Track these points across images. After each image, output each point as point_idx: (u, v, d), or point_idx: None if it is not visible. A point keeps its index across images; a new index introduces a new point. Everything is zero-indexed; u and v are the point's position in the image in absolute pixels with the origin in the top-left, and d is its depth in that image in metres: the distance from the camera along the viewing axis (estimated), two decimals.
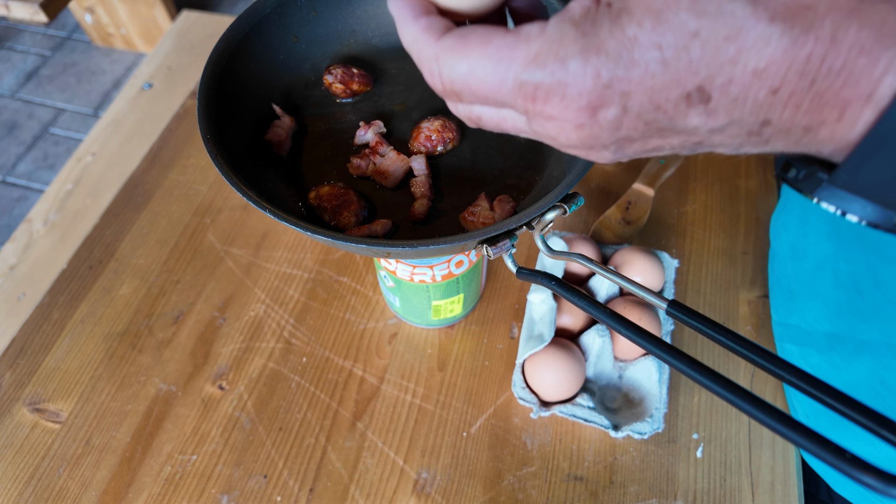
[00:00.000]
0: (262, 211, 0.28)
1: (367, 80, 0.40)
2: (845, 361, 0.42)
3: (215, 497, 0.45)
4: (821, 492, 0.50)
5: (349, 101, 0.40)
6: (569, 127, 0.20)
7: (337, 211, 0.34)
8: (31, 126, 1.77)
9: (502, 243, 0.29)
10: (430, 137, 0.36)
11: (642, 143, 0.20)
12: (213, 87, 0.34)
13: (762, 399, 0.20)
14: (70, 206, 0.62)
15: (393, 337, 0.53)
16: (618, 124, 0.19)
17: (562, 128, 0.20)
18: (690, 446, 0.47)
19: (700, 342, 0.51)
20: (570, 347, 0.47)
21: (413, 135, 0.37)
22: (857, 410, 0.20)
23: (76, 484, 0.46)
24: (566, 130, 0.20)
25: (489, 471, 0.46)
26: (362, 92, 0.40)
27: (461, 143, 0.38)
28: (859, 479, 0.17)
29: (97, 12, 1.83)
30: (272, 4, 0.37)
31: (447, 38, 0.21)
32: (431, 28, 0.21)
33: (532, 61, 0.19)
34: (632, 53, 0.17)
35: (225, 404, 0.49)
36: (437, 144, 0.37)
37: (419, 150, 0.37)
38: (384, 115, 0.39)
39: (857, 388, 0.41)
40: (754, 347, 0.23)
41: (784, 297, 0.49)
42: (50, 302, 0.55)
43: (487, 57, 0.20)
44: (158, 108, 0.70)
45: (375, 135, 0.37)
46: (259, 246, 0.58)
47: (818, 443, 0.18)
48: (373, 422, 0.48)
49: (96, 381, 0.51)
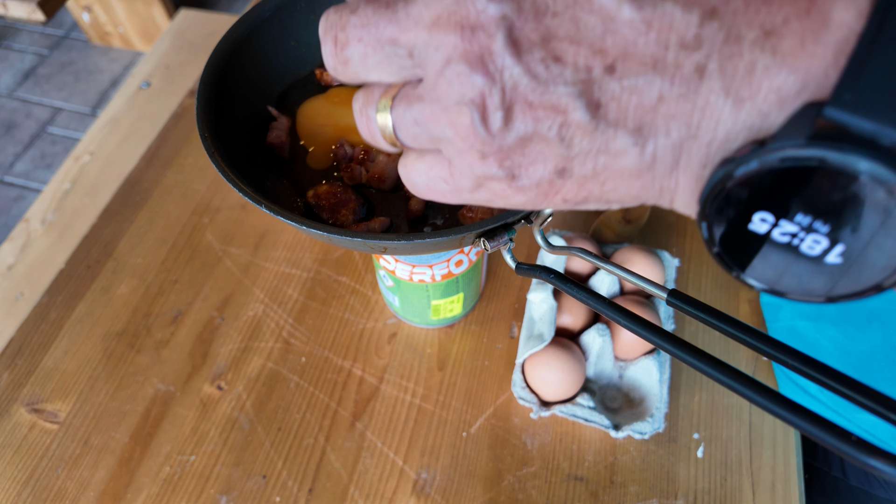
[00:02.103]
0: (259, 208, 0.28)
1: None
2: (859, 331, 0.42)
3: (214, 497, 0.45)
4: (833, 468, 0.50)
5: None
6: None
7: (335, 209, 0.34)
8: (29, 125, 1.77)
9: (500, 237, 0.28)
10: None
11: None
12: (213, 87, 0.34)
13: (764, 384, 0.19)
14: (68, 205, 0.62)
15: (392, 337, 0.53)
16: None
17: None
18: (691, 446, 0.46)
19: (700, 339, 0.51)
20: (570, 347, 0.47)
21: None
22: (859, 391, 0.19)
23: (74, 484, 0.46)
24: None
25: (489, 471, 0.46)
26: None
27: None
28: (865, 464, 0.16)
29: (95, 11, 1.82)
30: (272, 7, 0.37)
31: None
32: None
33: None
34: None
35: (224, 404, 0.49)
36: None
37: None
38: None
39: (874, 355, 0.41)
40: (755, 333, 0.23)
41: None
42: (48, 302, 0.55)
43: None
44: (156, 107, 0.70)
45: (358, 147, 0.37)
46: (258, 245, 0.58)
47: (822, 426, 0.17)
48: (372, 422, 0.48)
49: (94, 381, 0.51)
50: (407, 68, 0.18)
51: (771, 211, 0.16)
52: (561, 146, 0.17)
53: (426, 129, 0.19)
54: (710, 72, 0.15)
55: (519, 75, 0.16)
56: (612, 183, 0.18)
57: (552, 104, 0.16)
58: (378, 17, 0.18)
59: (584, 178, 0.18)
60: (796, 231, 0.16)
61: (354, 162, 0.36)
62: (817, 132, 0.14)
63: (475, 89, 0.16)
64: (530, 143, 0.17)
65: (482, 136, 0.17)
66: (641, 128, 0.16)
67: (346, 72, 0.20)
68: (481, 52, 0.16)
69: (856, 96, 0.13)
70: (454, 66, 0.17)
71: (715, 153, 0.16)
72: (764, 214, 0.16)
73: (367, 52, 0.18)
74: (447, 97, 0.17)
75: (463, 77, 0.17)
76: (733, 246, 0.17)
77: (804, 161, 0.14)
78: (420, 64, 0.18)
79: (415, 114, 0.18)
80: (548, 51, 0.16)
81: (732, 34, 0.15)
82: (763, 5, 0.15)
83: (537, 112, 0.17)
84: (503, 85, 0.16)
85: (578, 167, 0.18)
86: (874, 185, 0.14)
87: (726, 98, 0.15)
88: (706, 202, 0.17)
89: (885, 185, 0.14)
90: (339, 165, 0.37)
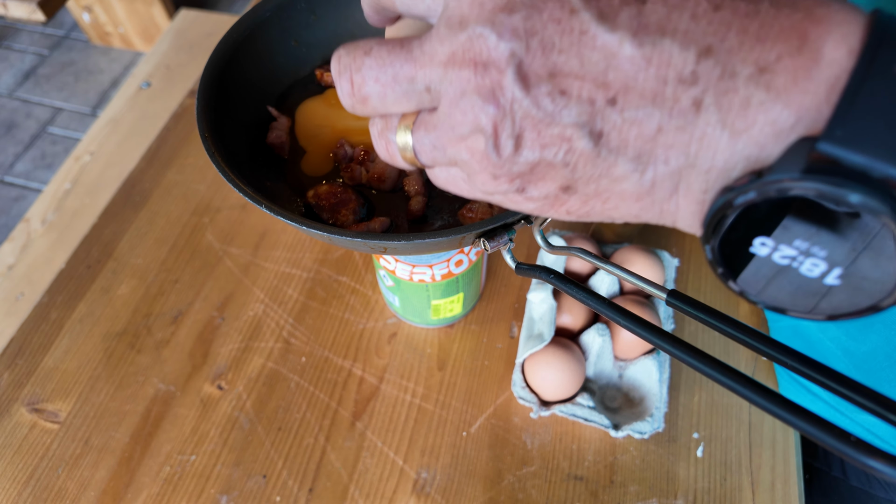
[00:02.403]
0: (259, 208, 0.28)
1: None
2: (861, 332, 0.42)
3: (214, 497, 0.45)
4: (833, 468, 0.50)
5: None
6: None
7: (335, 209, 0.34)
8: (29, 125, 1.77)
9: (500, 237, 0.29)
10: None
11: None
12: (213, 87, 0.34)
13: (763, 384, 0.19)
14: (68, 205, 0.62)
15: (392, 336, 0.53)
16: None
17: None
18: (691, 446, 0.46)
19: (700, 339, 0.51)
20: (570, 347, 0.47)
21: None
22: (858, 392, 0.19)
23: (75, 484, 0.46)
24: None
25: (489, 470, 0.46)
26: None
27: None
28: (865, 464, 0.16)
29: (95, 11, 1.82)
30: (272, 8, 0.37)
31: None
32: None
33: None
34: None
35: (224, 404, 0.49)
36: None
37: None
38: None
39: (875, 356, 0.41)
40: (754, 333, 0.23)
41: None
42: (48, 302, 0.55)
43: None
44: (157, 107, 0.70)
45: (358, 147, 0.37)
46: (258, 245, 0.58)
47: (821, 426, 0.18)
48: (372, 421, 0.48)
49: (95, 381, 0.51)
50: (424, 101, 0.20)
51: (770, 236, 0.17)
52: (566, 169, 0.18)
53: (444, 152, 0.20)
54: (707, 105, 0.16)
55: (528, 107, 0.17)
56: (614, 203, 0.19)
57: (558, 133, 0.18)
58: (394, 57, 0.19)
59: (588, 196, 0.19)
60: (795, 255, 0.17)
61: (354, 162, 0.36)
62: (811, 165, 0.15)
63: (488, 119, 0.18)
64: (538, 167, 0.19)
65: (494, 161, 0.19)
66: (641, 156, 0.17)
67: (364, 109, 0.21)
68: (493, 86, 0.17)
69: (847, 132, 0.14)
70: (468, 98, 0.18)
71: (715, 180, 0.17)
72: (763, 240, 0.17)
73: (385, 92, 0.20)
74: (461, 126, 0.18)
75: (476, 108, 0.18)
76: (737, 267, 0.18)
77: (799, 192, 0.15)
78: (436, 97, 0.19)
79: (433, 140, 0.20)
80: (554, 85, 0.17)
81: (728, 70, 0.16)
82: (757, 43, 0.15)
83: (544, 140, 0.18)
84: (513, 115, 0.17)
85: (582, 187, 0.19)
86: (866, 214, 0.15)
87: (723, 130, 0.16)
88: (708, 227, 0.17)
89: (876, 215, 0.14)
90: (339, 165, 0.37)
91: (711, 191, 0.17)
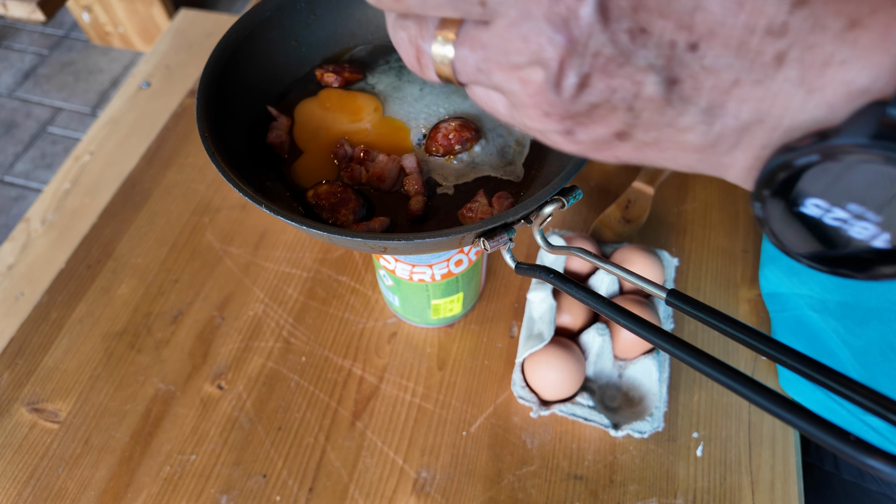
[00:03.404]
0: (259, 207, 0.28)
1: (358, 69, 0.40)
2: (858, 327, 0.42)
3: (214, 497, 0.45)
4: (826, 463, 0.50)
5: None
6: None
7: (335, 209, 0.34)
8: (29, 125, 1.77)
9: (499, 237, 0.28)
10: (447, 136, 0.36)
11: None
12: (213, 86, 0.34)
13: (763, 384, 0.19)
14: (68, 205, 0.62)
15: (392, 336, 0.53)
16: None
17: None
18: (690, 445, 0.47)
19: (700, 339, 0.51)
20: (569, 346, 0.47)
21: (431, 134, 0.37)
22: (857, 391, 0.19)
23: (75, 484, 0.46)
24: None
25: (489, 470, 0.46)
26: (354, 80, 0.40)
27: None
28: (864, 463, 0.16)
29: (95, 11, 1.82)
30: (272, 7, 0.37)
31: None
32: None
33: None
34: None
35: (224, 404, 0.49)
36: (454, 143, 0.36)
37: (437, 150, 0.37)
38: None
39: (871, 350, 0.41)
40: (754, 333, 0.23)
41: (790, 270, 0.49)
42: (48, 301, 0.55)
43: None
44: (156, 107, 0.70)
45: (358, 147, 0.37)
46: (258, 245, 0.58)
47: (820, 426, 0.17)
48: (372, 421, 0.48)
49: (95, 380, 0.51)
50: (473, 13, 0.17)
51: (825, 199, 0.16)
52: (628, 115, 0.17)
53: (489, 76, 0.18)
54: (790, 61, 0.15)
55: (603, 44, 0.16)
56: (672, 153, 0.18)
57: (629, 75, 0.16)
58: None
59: (644, 144, 0.18)
60: (847, 218, 0.16)
61: (354, 162, 0.36)
62: (881, 130, 0.14)
63: (554, 51, 0.16)
64: (598, 110, 0.17)
65: (550, 99, 0.17)
66: (712, 107, 0.17)
67: (396, 4, 0.18)
68: (567, 14, 0.15)
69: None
70: (534, 23, 0.16)
71: (779, 138, 0.16)
72: (818, 201, 0.16)
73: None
74: (518, 53, 0.16)
75: (542, 37, 0.16)
76: (785, 225, 0.18)
77: (866, 157, 0.14)
78: (491, 11, 0.17)
79: (478, 61, 0.18)
80: (635, 21, 0.15)
81: (819, 24, 0.15)
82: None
83: (613, 82, 0.16)
84: (584, 51, 0.16)
85: (641, 134, 0.18)
86: None
87: (799, 87, 0.15)
88: (762, 184, 0.17)
89: None
90: (339, 165, 0.37)
91: (770, 147, 0.17)
